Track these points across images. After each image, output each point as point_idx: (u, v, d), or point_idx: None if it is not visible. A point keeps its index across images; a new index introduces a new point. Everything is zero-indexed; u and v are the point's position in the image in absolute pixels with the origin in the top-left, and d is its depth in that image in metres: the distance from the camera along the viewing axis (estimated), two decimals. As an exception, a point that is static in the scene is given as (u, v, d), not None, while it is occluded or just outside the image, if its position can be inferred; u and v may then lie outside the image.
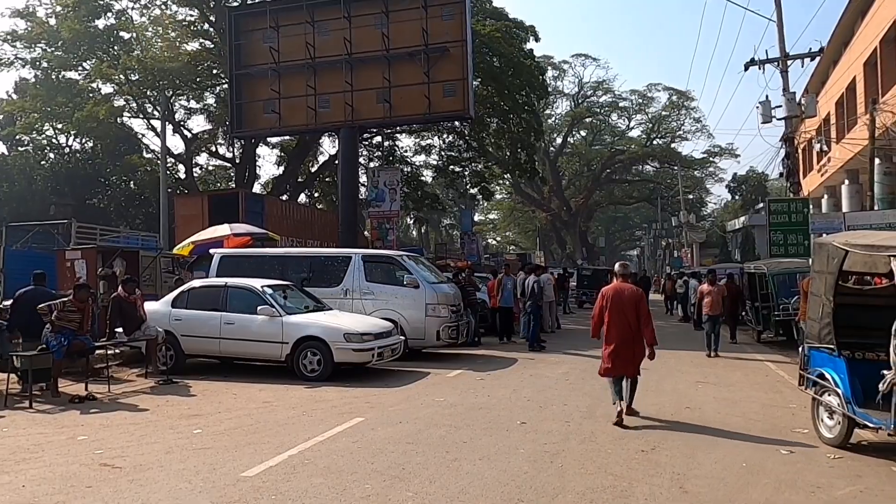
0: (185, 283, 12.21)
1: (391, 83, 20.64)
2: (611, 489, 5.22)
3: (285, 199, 29.17)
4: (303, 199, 34.45)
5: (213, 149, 32.75)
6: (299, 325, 10.34)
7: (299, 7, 21.12)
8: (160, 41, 27.89)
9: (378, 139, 31.79)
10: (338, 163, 23.14)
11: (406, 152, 34.50)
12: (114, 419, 7.68)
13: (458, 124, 28.71)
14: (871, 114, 19.31)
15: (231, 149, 31.95)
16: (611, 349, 7.61)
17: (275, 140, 32.04)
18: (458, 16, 20.29)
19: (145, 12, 28.59)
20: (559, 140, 55.82)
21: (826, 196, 31.00)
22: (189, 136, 31.30)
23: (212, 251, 13.87)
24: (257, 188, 33.01)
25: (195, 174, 33.46)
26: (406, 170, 31.75)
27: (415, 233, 61.56)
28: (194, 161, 33.32)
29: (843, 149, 24.05)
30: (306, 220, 25.21)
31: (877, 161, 20.99)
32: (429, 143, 33.77)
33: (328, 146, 33.45)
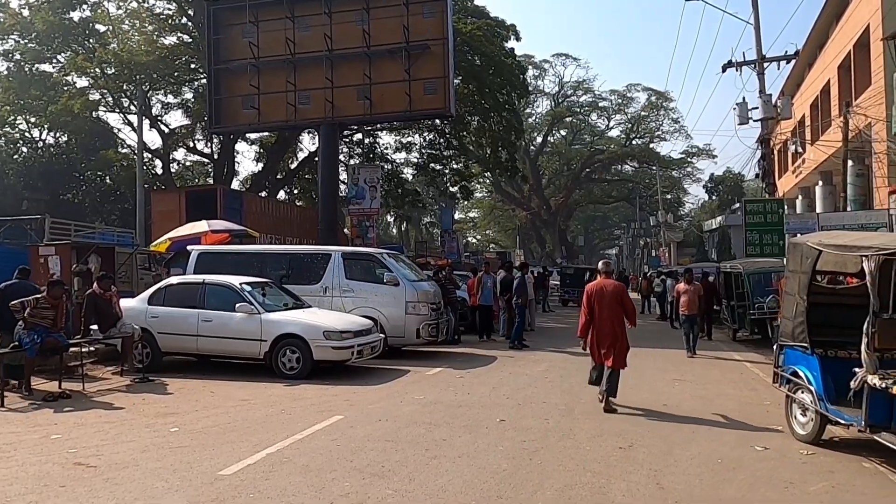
0: (163, 280, 12.07)
1: (372, 80, 20.57)
2: (589, 486, 5.26)
3: (264, 195, 28.95)
4: (282, 195, 34.20)
5: (191, 144, 32.39)
6: (278, 322, 10.27)
7: (279, 2, 20.95)
8: (137, 35, 27.48)
9: (358, 136, 31.67)
10: (318, 160, 23.01)
11: (386, 150, 34.44)
12: (88, 417, 7.56)
13: (438, 122, 28.71)
14: (844, 116, 19.65)
15: (209, 144, 31.63)
16: (597, 342, 8.14)
17: (254, 136, 31.77)
18: (439, 14, 20.28)
19: (122, 5, 28.23)
20: (539, 139, 56.12)
21: (801, 197, 31.50)
22: (166, 131, 30.94)
23: (189, 248, 13.71)
24: (236, 184, 32.75)
25: (172, 170, 33.04)
26: (386, 167, 31.67)
27: (395, 230, 61.49)
28: (172, 156, 32.94)
29: (818, 150, 24.45)
30: (285, 217, 25.04)
31: (850, 163, 21.36)
32: (409, 140, 33.71)
33: (308, 143, 33.29)
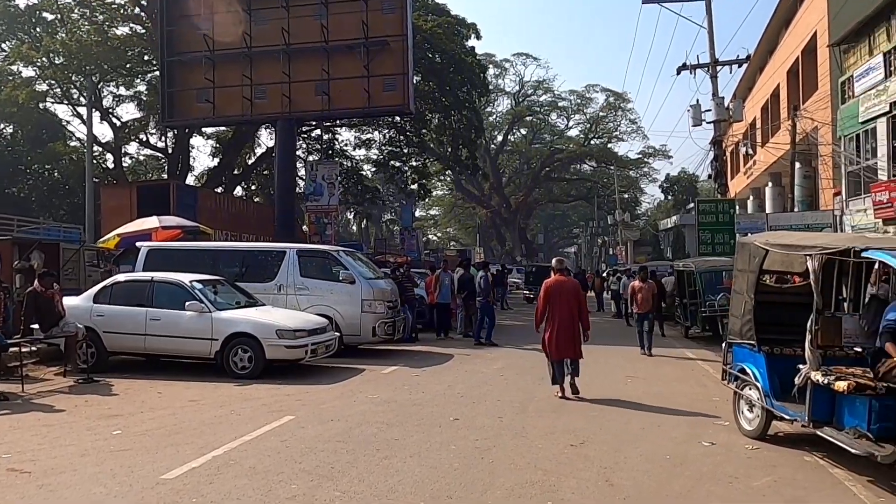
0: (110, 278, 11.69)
1: (330, 75, 20.36)
2: (539, 484, 5.27)
3: (220, 191, 28.37)
4: (239, 192, 33.61)
5: (144, 138, 31.55)
6: (230, 320, 10.06)
7: (235, -6, 20.57)
8: (87, 24, 26.58)
9: (317, 132, 31.31)
10: (275, 155, 22.65)
11: (346, 146, 34.15)
12: (26, 420, 7.27)
13: (398, 119, 28.58)
14: (792, 120, 20.25)
15: (163, 138, 30.86)
16: (554, 335, 8.59)
17: (210, 130, 31.14)
18: (398, 10, 20.18)
19: (71, -7, 27.24)
20: (500, 137, 56.42)
21: (752, 197, 32.39)
22: (118, 124, 30.04)
23: (138, 244, 13.33)
24: (191, 180, 32.02)
25: (125, 164, 32.16)
26: (346, 164, 31.41)
27: (355, 228, 61.03)
28: (124, 150, 32.02)
29: (768, 153, 25.16)
30: (242, 214, 24.58)
31: (797, 165, 22.06)
32: (369, 137, 33.51)
33: (266, 138, 32.79)
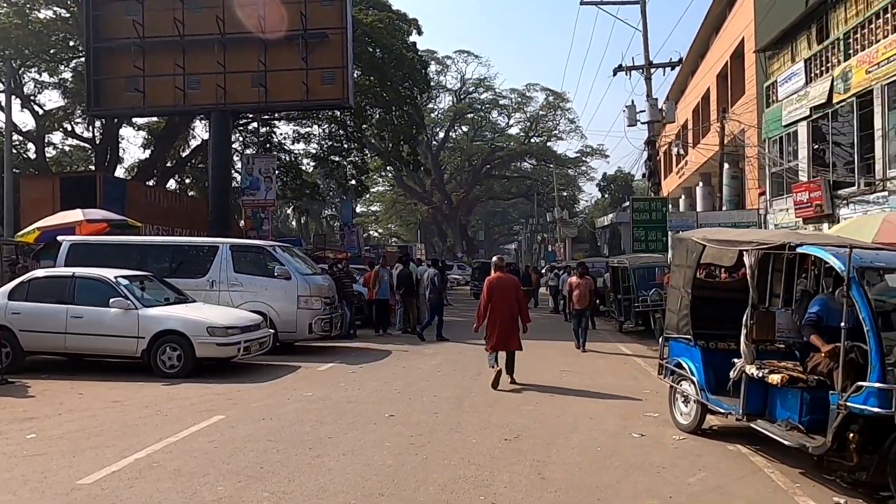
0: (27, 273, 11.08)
1: (267, 67, 19.87)
2: (472, 479, 5.27)
3: (152, 184, 27.34)
4: (172, 185, 32.46)
5: (69, 127, 30.02)
6: (157, 318, 9.69)
7: (167, -21, 19.81)
8: (6, 6, 25.10)
9: (254, 125, 30.55)
10: (210, 148, 21.98)
11: (284, 140, 33.46)
12: (-70, 426, 6.80)
13: (338, 113, 28.20)
14: (721, 122, 21.02)
15: (90, 128, 29.47)
16: (496, 329, 9.19)
17: (141, 121, 29.97)
18: (338, 2, 19.89)
19: (-12, -28, 25.65)
20: (441, 134, 56.57)
21: (683, 196, 33.52)
22: (41, 112, 28.49)
23: (60, 238, 12.69)
24: (120, 172, 30.75)
25: (48, 154, 30.56)
26: (284, 158, 30.77)
27: (294, 223, 60.01)
28: (47, 140, 30.41)
29: (698, 153, 26.06)
30: (174, 208, 23.75)
31: (726, 166, 22.94)
32: (308, 131, 32.96)
33: (201, 130, 31.79)
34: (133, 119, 28.20)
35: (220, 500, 4.71)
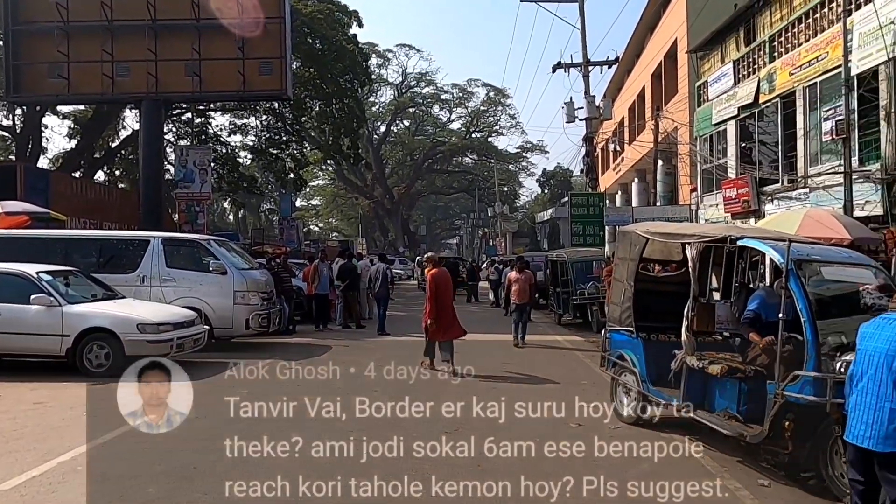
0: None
1: (201, 56, 19.27)
2: (413, 472, 5.27)
3: (78, 176, 26.13)
4: (101, 177, 31.13)
5: (-13, 115, 28.38)
6: (83, 315, 9.28)
7: (93, -40, 18.91)
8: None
9: (188, 115, 29.60)
10: (140, 138, 21.17)
11: (220, 131, 32.57)
12: None
13: (276, 105, 27.63)
14: (655, 120, 21.64)
15: (10, 116, 27.93)
16: (438, 320, 9.78)
17: (66, 109, 28.59)
18: (276, -9, 19.44)
19: None
20: (383, 128, 56.20)
21: (620, 192, 34.40)
22: (-46, 98, 26.80)
23: (-24, 232, 11.99)
24: (44, 163, 29.23)
25: (-37, 143, 28.84)
26: (220, 150, 29.94)
27: (232, 217, 58.59)
28: (-39, 128, 28.69)
29: (634, 150, 26.77)
30: (103, 201, 22.75)
31: (660, 163, 23.64)
32: (245, 122, 32.18)
33: (132, 120, 30.55)
34: (57, 107, 26.89)
35: (152, 502, 4.54)
